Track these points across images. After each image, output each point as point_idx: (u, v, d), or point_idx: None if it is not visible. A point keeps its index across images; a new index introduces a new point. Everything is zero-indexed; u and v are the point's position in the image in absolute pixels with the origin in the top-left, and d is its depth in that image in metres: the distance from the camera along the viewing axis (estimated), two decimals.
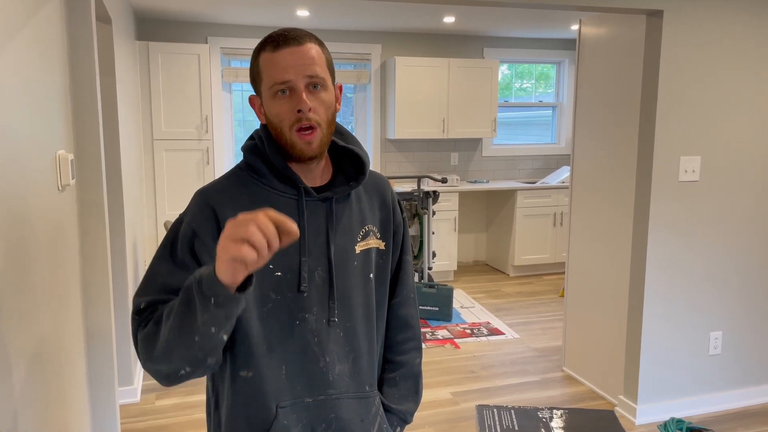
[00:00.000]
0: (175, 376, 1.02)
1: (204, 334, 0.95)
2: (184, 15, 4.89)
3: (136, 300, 1.08)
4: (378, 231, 1.24)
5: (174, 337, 0.97)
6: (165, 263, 1.09)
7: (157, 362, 1.01)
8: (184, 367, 1.00)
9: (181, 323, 0.95)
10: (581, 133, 3.46)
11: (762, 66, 3.02)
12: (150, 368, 1.03)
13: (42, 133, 1.59)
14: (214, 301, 0.91)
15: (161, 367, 1.01)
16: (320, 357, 1.14)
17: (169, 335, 0.97)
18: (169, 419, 3.08)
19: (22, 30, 1.41)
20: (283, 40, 1.08)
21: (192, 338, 0.95)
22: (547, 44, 6.25)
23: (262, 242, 0.86)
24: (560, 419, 1.38)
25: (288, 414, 1.13)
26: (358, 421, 1.19)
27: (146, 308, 1.07)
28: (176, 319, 0.96)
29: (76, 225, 2.12)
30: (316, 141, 1.10)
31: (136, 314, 1.07)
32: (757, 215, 3.13)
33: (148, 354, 1.02)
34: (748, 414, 3.18)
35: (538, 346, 4.09)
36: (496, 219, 6.14)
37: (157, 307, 1.05)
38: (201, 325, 0.94)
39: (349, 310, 1.17)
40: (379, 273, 1.24)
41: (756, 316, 3.22)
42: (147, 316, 1.06)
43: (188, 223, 1.10)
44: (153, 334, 1.01)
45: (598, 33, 3.29)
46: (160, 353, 0.99)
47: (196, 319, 0.93)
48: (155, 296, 1.07)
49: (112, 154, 2.95)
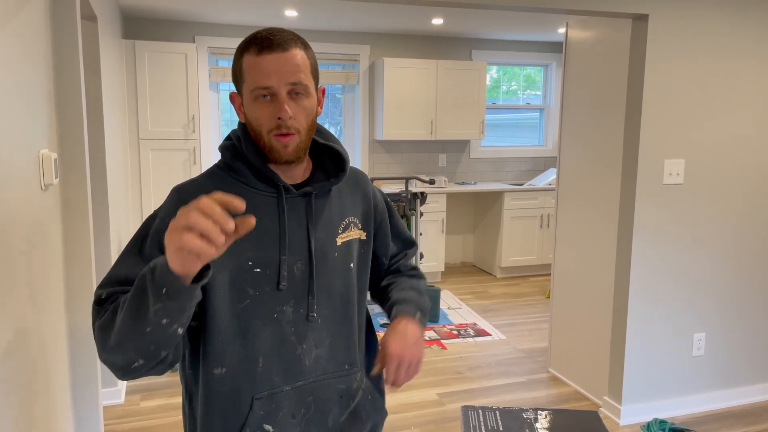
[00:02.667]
0: (129, 368, 0.98)
1: (156, 325, 0.91)
2: (171, 13, 4.86)
3: (97, 291, 1.06)
4: (360, 222, 1.26)
5: (126, 327, 0.93)
6: (131, 256, 1.07)
7: (112, 353, 0.97)
8: (137, 359, 0.96)
9: (133, 313, 0.91)
10: (568, 136, 3.48)
11: (746, 70, 3.06)
12: (106, 359, 0.99)
13: (25, 132, 1.58)
14: (166, 291, 0.87)
15: (116, 359, 0.97)
16: (297, 345, 1.15)
17: (122, 325, 0.93)
18: (154, 420, 3.06)
19: (5, 27, 1.40)
20: (267, 45, 1.07)
21: (144, 329, 0.91)
22: (534, 47, 6.29)
23: (208, 227, 0.81)
24: (545, 420, 1.38)
25: (265, 404, 1.13)
26: (337, 398, 1.20)
27: (106, 299, 1.04)
28: (129, 309, 0.92)
29: (60, 225, 2.10)
30: (293, 145, 1.11)
31: (96, 305, 1.04)
32: (740, 218, 3.17)
33: (104, 344, 0.98)
34: (732, 415, 3.21)
35: (524, 348, 4.11)
36: (483, 220, 6.16)
37: (118, 297, 1.02)
38: (153, 316, 0.90)
39: (329, 300, 1.19)
40: (360, 262, 1.26)
41: (739, 317, 3.26)
42: (106, 307, 1.03)
43: (161, 219, 1.09)
44: (109, 322, 0.98)
45: (585, 36, 3.31)
46: (114, 343, 0.96)
47: (148, 309, 0.90)
48: (116, 287, 1.04)
49: (96, 153, 2.92)
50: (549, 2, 2.72)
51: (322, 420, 1.18)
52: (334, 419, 1.20)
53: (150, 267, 0.90)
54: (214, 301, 1.10)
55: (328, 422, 1.19)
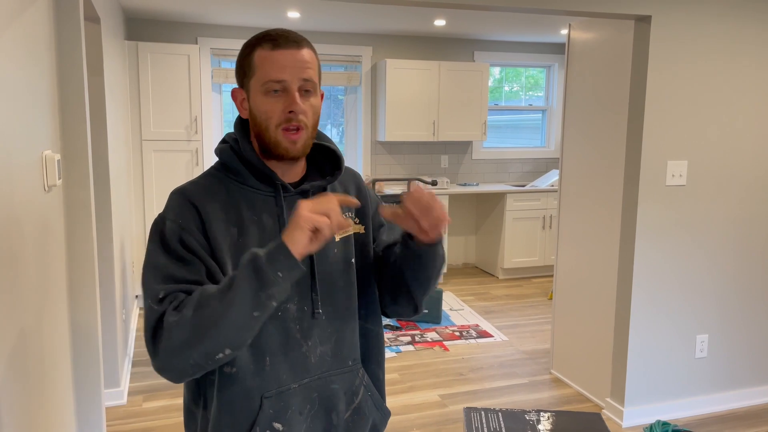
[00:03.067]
0: (207, 361, 1.01)
1: (265, 309, 0.99)
2: (173, 15, 4.87)
3: (152, 289, 1.05)
4: (356, 217, 1.27)
5: (228, 317, 0.97)
6: (163, 257, 1.07)
7: (190, 348, 0.99)
8: (224, 350, 1.00)
9: (241, 300, 0.97)
10: (570, 137, 3.48)
11: (749, 71, 3.05)
12: (172, 359, 1.00)
13: (28, 133, 1.58)
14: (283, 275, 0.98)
15: (192, 353, 0.99)
16: (303, 343, 1.16)
17: (220, 315, 0.97)
18: (156, 421, 3.06)
19: (9, 28, 1.40)
20: (283, 41, 1.11)
21: (250, 313, 0.98)
22: (537, 48, 6.28)
23: (339, 221, 0.99)
24: (547, 422, 1.38)
25: (274, 403, 1.14)
26: (341, 394, 1.21)
27: (165, 297, 1.04)
28: (235, 297, 0.97)
29: (63, 226, 2.10)
30: (301, 141, 1.13)
31: (156, 304, 1.04)
32: (743, 219, 3.16)
33: (180, 341, 0.99)
34: (735, 417, 3.21)
35: (526, 349, 4.10)
36: (485, 222, 6.15)
37: (179, 295, 1.03)
38: (265, 299, 0.98)
39: (332, 296, 1.19)
40: (361, 256, 1.26)
41: (742, 319, 3.25)
42: (168, 305, 1.03)
43: (173, 221, 1.09)
44: (188, 318, 0.99)
45: (587, 37, 3.31)
46: (201, 336, 0.98)
47: (260, 293, 0.98)
48: (170, 285, 1.05)
49: (99, 154, 2.93)
50: (551, 3, 2.72)
51: (327, 416, 1.19)
52: (338, 415, 1.21)
53: (258, 255, 0.99)
54: None
55: (333, 418, 1.20)
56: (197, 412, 1.19)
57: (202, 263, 1.07)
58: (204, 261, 1.08)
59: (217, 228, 1.10)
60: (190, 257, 1.07)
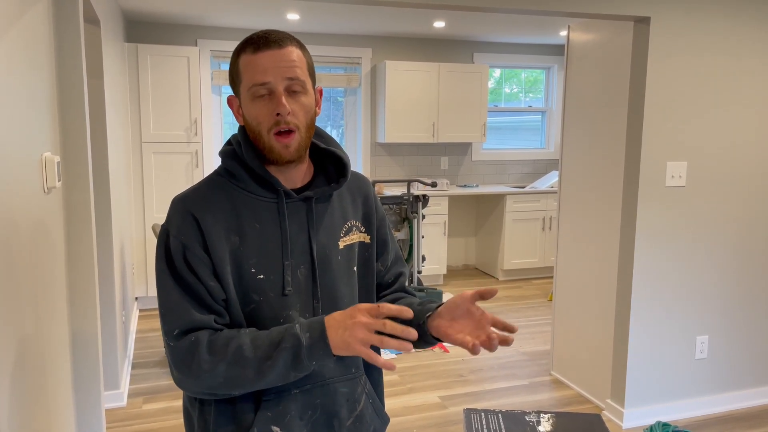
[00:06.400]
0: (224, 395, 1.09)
1: (287, 380, 1.06)
2: (173, 17, 4.87)
3: (167, 323, 1.08)
4: (362, 225, 1.25)
5: (258, 383, 1.05)
6: (173, 281, 1.09)
7: (218, 390, 1.06)
8: (240, 391, 1.08)
9: (275, 375, 1.04)
10: (570, 138, 3.48)
11: (748, 72, 3.06)
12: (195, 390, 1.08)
13: (28, 135, 1.58)
14: (316, 363, 1.04)
15: (215, 391, 1.07)
16: None
17: (254, 381, 1.05)
18: (156, 423, 3.06)
19: (9, 31, 1.40)
20: (263, 42, 1.08)
21: (276, 382, 1.06)
22: (536, 50, 6.29)
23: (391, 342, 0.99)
24: (547, 423, 1.38)
25: (272, 406, 1.13)
26: (344, 401, 1.20)
27: (179, 335, 1.07)
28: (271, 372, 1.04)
29: (62, 228, 2.10)
30: (294, 144, 1.11)
31: (172, 339, 1.07)
32: (743, 220, 3.16)
33: (209, 386, 1.06)
34: (734, 418, 3.20)
35: (526, 350, 4.10)
36: (485, 223, 6.15)
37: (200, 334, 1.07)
38: (292, 377, 1.06)
39: (334, 304, 1.18)
40: (363, 265, 1.25)
41: (742, 320, 3.25)
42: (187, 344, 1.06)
43: (175, 236, 1.10)
44: (221, 372, 1.05)
45: (587, 39, 3.32)
46: (230, 387, 1.06)
47: (290, 372, 1.05)
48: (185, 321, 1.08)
49: (99, 156, 2.93)
50: (551, 5, 2.72)
51: (329, 423, 1.18)
52: (340, 423, 1.19)
53: (301, 343, 1.03)
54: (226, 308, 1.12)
55: (335, 425, 1.19)
56: (194, 414, 1.19)
57: (203, 285, 1.09)
58: (204, 283, 1.09)
59: (217, 239, 1.10)
60: (194, 280, 1.09)
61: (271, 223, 1.13)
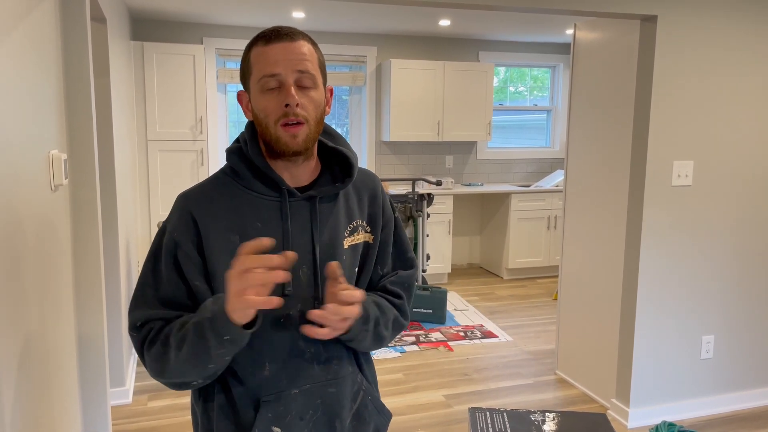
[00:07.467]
0: (188, 386, 1.11)
1: (218, 361, 1.05)
2: (179, 15, 4.88)
3: (131, 315, 1.12)
4: (367, 225, 1.24)
5: (188, 365, 1.04)
6: (152, 276, 1.13)
7: (170, 377, 1.08)
8: (197, 380, 1.09)
9: (195, 354, 1.03)
10: (575, 137, 3.47)
11: (755, 71, 3.04)
12: (161, 380, 1.11)
13: (35, 133, 1.59)
14: (229, 339, 1.00)
15: (174, 380, 1.09)
16: (306, 351, 1.15)
17: (183, 362, 1.04)
18: (162, 420, 3.07)
19: (16, 29, 1.41)
20: (275, 35, 1.09)
21: (206, 365, 1.04)
22: (542, 48, 6.27)
23: (265, 278, 0.93)
24: (552, 422, 1.38)
25: (273, 407, 1.13)
26: (345, 400, 1.20)
27: (143, 325, 1.10)
28: (190, 350, 1.03)
29: (69, 225, 2.11)
30: (302, 135, 1.09)
31: (133, 330, 1.11)
32: (749, 219, 3.15)
33: (161, 371, 1.08)
34: (740, 418, 3.19)
35: (531, 349, 4.09)
36: (490, 222, 6.15)
37: (154, 324, 1.10)
38: (216, 357, 1.03)
39: None
40: (363, 264, 1.24)
41: (748, 320, 3.24)
42: (146, 333, 1.10)
43: (170, 233, 1.12)
44: (162, 354, 1.07)
45: (593, 37, 3.30)
46: (174, 372, 1.07)
47: (210, 351, 1.02)
48: (149, 311, 1.11)
49: (105, 154, 2.94)
50: (557, 3, 2.71)
51: (330, 423, 1.18)
52: (341, 422, 1.19)
53: (207, 318, 1.00)
54: None
55: (335, 424, 1.19)
56: (198, 412, 1.19)
57: (185, 286, 1.11)
58: (190, 283, 1.11)
59: (214, 240, 1.10)
60: (176, 279, 1.11)
61: (273, 223, 1.13)
